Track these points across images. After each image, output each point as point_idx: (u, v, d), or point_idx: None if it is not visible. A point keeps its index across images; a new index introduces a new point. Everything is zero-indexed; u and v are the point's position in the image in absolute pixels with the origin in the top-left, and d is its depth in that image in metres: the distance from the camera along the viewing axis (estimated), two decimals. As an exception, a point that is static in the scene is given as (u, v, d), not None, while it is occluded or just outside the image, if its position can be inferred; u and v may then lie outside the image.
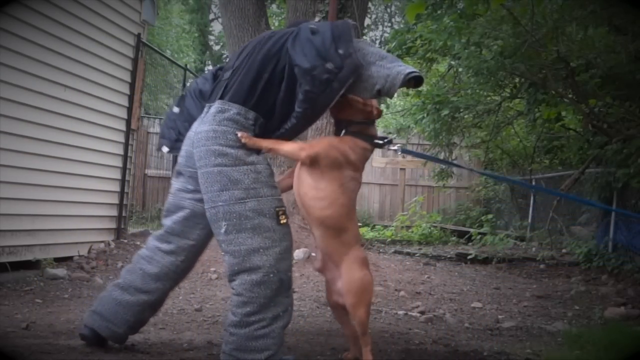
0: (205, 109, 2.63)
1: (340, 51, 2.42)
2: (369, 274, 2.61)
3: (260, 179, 2.49)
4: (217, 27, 22.30)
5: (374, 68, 2.47)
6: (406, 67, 2.48)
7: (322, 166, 2.52)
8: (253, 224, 2.45)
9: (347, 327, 2.73)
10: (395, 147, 2.74)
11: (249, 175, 2.47)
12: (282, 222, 2.50)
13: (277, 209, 2.49)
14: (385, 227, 10.49)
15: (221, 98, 2.56)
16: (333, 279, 2.64)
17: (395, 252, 7.80)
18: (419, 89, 8.36)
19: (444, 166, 8.34)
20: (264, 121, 2.55)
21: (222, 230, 2.49)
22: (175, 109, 2.93)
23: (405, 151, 2.89)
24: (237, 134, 2.48)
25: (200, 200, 2.59)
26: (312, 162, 2.52)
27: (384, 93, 2.46)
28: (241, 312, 2.48)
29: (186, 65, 9.59)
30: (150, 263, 2.79)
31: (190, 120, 2.75)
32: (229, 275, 2.55)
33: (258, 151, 2.52)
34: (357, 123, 2.61)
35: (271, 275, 2.46)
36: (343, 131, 2.61)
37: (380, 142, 2.65)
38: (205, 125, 2.53)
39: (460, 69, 7.16)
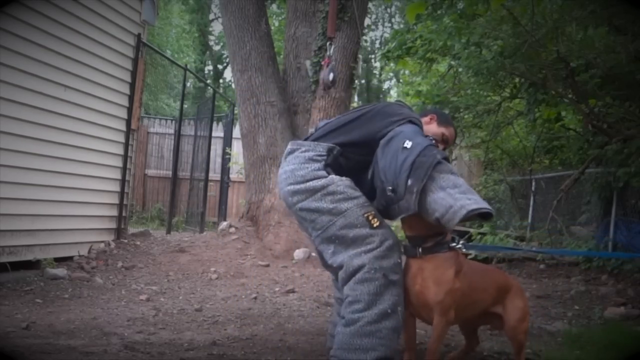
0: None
1: (409, 182, 2.40)
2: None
3: (336, 197, 2.54)
4: (217, 27, 22.31)
5: (442, 194, 2.39)
6: (473, 202, 2.37)
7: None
8: (351, 238, 2.50)
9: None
10: (460, 245, 2.63)
11: (324, 199, 2.54)
12: (374, 225, 2.52)
13: (366, 215, 2.52)
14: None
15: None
16: None
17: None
18: (419, 89, 8.39)
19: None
20: (341, 149, 2.63)
21: (331, 252, 2.56)
22: None
23: (469, 247, 2.94)
24: (306, 169, 2.58)
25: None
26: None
27: (442, 222, 2.39)
28: (348, 311, 2.48)
29: (186, 65, 9.59)
30: (338, 290, 2.83)
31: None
32: (341, 288, 2.58)
33: (326, 176, 2.57)
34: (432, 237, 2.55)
35: (373, 271, 2.45)
36: (419, 249, 2.54)
37: (455, 244, 2.60)
38: (281, 169, 2.70)
39: (460, 69, 7.15)
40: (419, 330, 3.62)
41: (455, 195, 2.38)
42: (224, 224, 6.85)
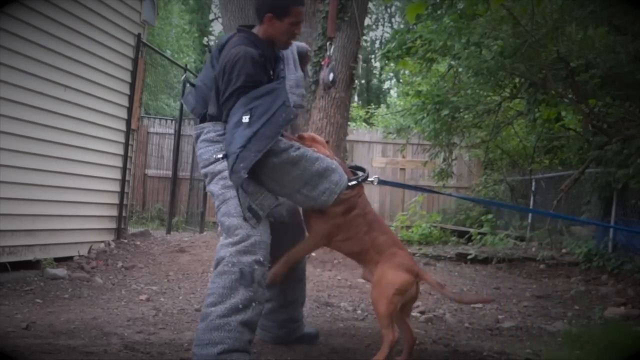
0: None
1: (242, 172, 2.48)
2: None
3: (227, 183, 2.59)
4: (217, 27, 22.31)
5: (299, 197, 2.65)
6: (331, 194, 2.62)
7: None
8: (226, 226, 2.57)
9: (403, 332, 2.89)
10: (373, 179, 2.87)
11: (218, 183, 2.63)
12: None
13: (244, 207, 2.56)
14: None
15: (200, 122, 2.77)
16: None
17: (395, 252, 7.79)
18: (419, 89, 8.38)
19: (444, 166, 8.34)
20: None
21: (223, 238, 2.63)
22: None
23: (382, 182, 3.03)
24: (209, 152, 2.66)
25: None
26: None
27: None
28: (205, 303, 2.54)
29: (186, 65, 9.59)
30: None
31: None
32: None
33: (225, 157, 2.59)
34: None
35: (230, 265, 2.50)
36: None
37: (356, 181, 2.76)
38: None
39: (460, 69, 7.15)
40: (417, 331, 3.62)
41: (311, 195, 2.64)
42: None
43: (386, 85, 26.60)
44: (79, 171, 5.47)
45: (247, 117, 2.49)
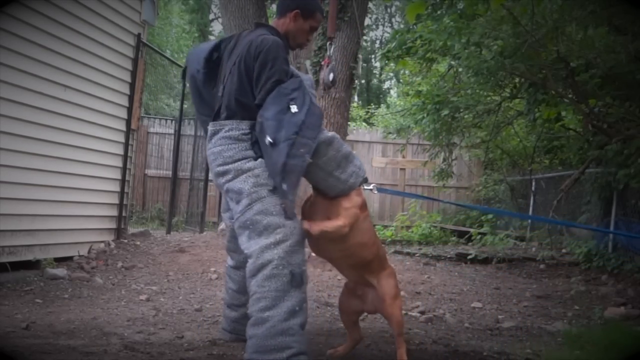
0: (208, 128, 2.78)
1: (284, 187, 2.48)
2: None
3: (260, 181, 2.56)
4: (217, 27, 22.31)
5: (331, 181, 2.62)
6: (357, 177, 2.66)
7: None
8: (264, 225, 2.52)
9: (353, 331, 2.91)
10: (371, 187, 2.85)
11: (248, 181, 2.56)
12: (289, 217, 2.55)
13: (283, 205, 2.54)
14: (385, 227, 10.49)
15: (215, 118, 2.73)
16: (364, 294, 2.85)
17: (395, 252, 7.79)
18: (419, 89, 8.38)
19: (444, 166, 8.34)
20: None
21: (246, 238, 2.57)
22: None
23: (381, 190, 3.05)
24: (234, 149, 2.61)
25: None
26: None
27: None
28: (255, 309, 2.49)
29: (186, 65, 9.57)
30: (231, 281, 3.05)
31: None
32: (248, 279, 2.58)
33: (255, 157, 2.59)
34: None
35: (281, 267, 2.47)
36: None
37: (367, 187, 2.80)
38: (208, 150, 2.72)
39: (460, 69, 7.15)
40: (417, 331, 3.63)
41: (342, 177, 2.63)
42: (224, 224, 6.85)
43: (386, 85, 26.61)
44: (78, 171, 5.48)
45: (295, 106, 2.50)
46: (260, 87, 2.57)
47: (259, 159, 2.60)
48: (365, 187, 2.80)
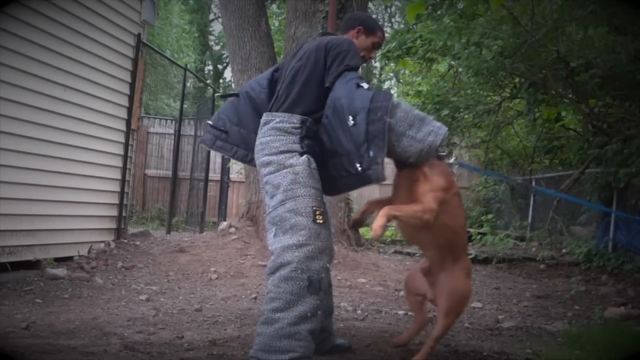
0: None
1: (371, 153, 2.44)
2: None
3: (298, 179, 2.54)
4: (217, 27, 22.30)
5: (406, 141, 2.54)
6: (433, 136, 2.54)
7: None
8: (291, 224, 2.51)
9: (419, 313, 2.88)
10: (452, 161, 2.81)
11: (287, 177, 2.55)
12: (318, 221, 2.52)
13: (314, 208, 2.52)
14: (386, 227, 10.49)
15: (270, 110, 2.71)
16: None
17: (395, 252, 7.80)
18: (419, 89, 8.38)
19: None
20: (313, 120, 2.63)
21: (272, 235, 2.55)
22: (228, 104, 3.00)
23: (463, 165, 3.02)
24: (281, 141, 2.59)
25: None
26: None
27: (418, 163, 2.59)
28: (268, 308, 2.49)
29: (186, 65, 9.59)
30: None
31: (240, 124, 2.90)
32: (266, 276, 2.57)
33: (300, 154, 2.58)
34: None
35: (299, 271, 2.46)
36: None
37: (443, 153, 2.75)
38: (257, 140, 2.69)
39: (460, 69, 7.16)
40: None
41: (417, 136, 2.54)
42: (224, 224, 6.85)
43: (386, 85, 26.59)
44: (79, 171, 5.47)
45: (364, 84, 2.54)
46: (332, 72, 2.61)
47: (304, 156, 2.58)
48: (450, 162, 2.75)
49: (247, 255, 5.89)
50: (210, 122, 3.00)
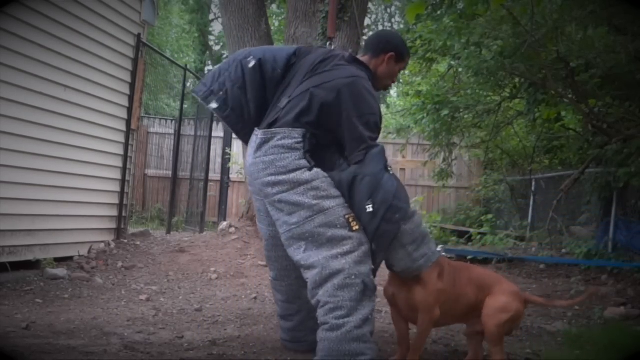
0: (254, 136, 2.69)
1: (374, 247, 2.52)
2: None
3: (320, 194, 2.52)
4: (217, 27, 22.28)
5: (401, 253, 2.55)
6: (428, 260, 2.56)
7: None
8: (327, 237, 2.49)
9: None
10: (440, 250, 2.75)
11: (307, 194, 2.51)
12: (354, 228, 2.50)
13: (347, 217, 2.51)
14: None
15: (270, 127, 2.62)
16: None
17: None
18: (419, 89, 8.38)
19: (444, 166, 8.33)
20: (314, 133, 2.59)
21: (302, 250, 2.53)
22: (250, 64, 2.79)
23: (449, 250, 3.04)
24: (287, 159, 2.54)
25: (273, 225, 2.69)
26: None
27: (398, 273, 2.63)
28: (331, 317, 2.45)
29: (186, 65, 9.58)
30: (278, 293, 2.97)
31: (243, 88, 2.74)
32: (312, 290, 2.54)
33: (310, 168, 2.54)
34: None
35: (353, 277, 2.45)
36: None
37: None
38: (255, 158, 2.62)
39: (460, 69, 7.16)
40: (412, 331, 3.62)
41: (413, 255, 2.54)
42: (224, 224, 6.85)
43: (386, 85, 26.58)
44: (78, 171, 5.47)
45: (391, 169, 2.58)
46: (353, 136, 2.55)
47: (314, 169, 2.55)
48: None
49: (247, 255, 5.89)
50: (210, 74, 2.85)
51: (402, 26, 14.66)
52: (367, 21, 13.62)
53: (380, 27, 24.96)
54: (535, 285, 5.82)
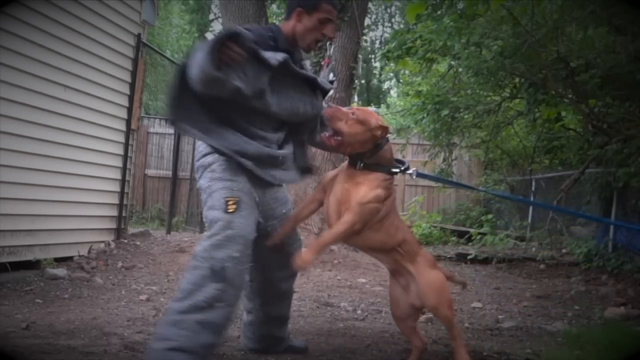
0: None
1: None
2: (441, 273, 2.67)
3: (214, 176, 2.50)
4: (217, 27, 22.28)
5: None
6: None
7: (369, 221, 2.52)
8: (209, 220, 2.47)
9: (415, 338, 2.74)
10: (411, 171, 2.69)
11: (206, 177, 2.52)
12: (229, 210, 2.41)
13: (226, 199, 2.44)
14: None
15: None
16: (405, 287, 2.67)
17: (395, 252, 7.79)
18: (419, 89, 8.37)
19: (444, 166, 8.33)
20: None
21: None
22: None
23: (420, 175, 2.86)
24: (203, 145, 2.53)
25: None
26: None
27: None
28: (172, 299, 2.49)
29: (186, 65, 9.56)
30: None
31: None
32: None
33: (219, 152, 2.48)
34: (370, 153, 2.54)
35: (202, 260, 2.36)
36: (359, 163, 2.53)
37: (398, 170, 2.63)
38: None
39: (460, 69, 7.15)
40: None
41: None
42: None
43: (386, 85, 26.60)
44: (78, 171, 5.47)
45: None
46: None
47: (215, 154, 2.51)
48: (407, 173, 2.65)
49: (247, 255, 5.88)
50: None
51: (402, 26, 14.64)
52: (367, 21, 13.62)
53: (380, 27, 24.98)
54: (535, 285, 5.82)
